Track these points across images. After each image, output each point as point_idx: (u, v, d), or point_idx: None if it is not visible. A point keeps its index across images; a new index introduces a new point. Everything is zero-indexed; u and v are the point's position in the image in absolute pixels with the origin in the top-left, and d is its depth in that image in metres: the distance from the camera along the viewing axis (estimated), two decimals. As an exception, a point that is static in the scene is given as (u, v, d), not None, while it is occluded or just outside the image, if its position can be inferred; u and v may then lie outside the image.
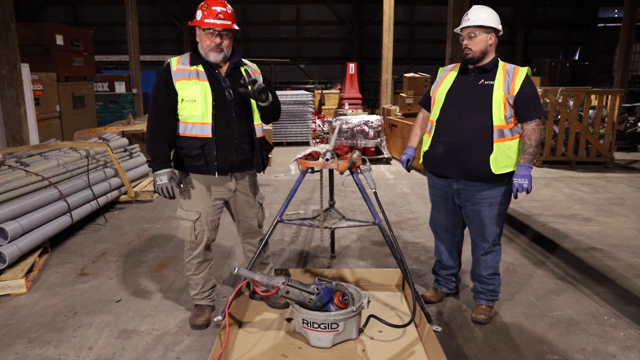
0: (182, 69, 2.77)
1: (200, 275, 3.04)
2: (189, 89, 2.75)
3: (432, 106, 3.06)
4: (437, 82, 3.08)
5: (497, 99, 2.80)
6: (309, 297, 2.71)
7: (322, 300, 2.75)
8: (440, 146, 2.96)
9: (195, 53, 2.83)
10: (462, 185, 2.98)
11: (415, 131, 3.34)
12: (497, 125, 2.81)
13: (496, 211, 2.98)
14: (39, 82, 7.95)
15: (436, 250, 3.35)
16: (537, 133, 2.84)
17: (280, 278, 2.67)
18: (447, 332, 3.01)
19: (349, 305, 2.79)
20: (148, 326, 3.11)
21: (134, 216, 5.51)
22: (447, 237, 3.25)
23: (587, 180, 7.27)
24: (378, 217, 3.12)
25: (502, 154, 2.84)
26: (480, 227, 3.02)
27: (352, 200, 6.08)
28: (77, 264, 4.13)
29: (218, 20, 2.73)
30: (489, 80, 2.86)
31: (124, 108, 11.13)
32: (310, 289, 2.71)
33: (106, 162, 5.76)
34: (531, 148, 2.83)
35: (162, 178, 2.80)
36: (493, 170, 2.84)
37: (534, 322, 3.13)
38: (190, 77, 2.76)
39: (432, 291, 3.39)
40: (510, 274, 3.84)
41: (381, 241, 4.47)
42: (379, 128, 8.59)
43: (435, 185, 3.15)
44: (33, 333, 3.02)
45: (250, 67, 2.99)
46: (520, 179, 2.82)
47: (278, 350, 2.75)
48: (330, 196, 3.57)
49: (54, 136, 7.87)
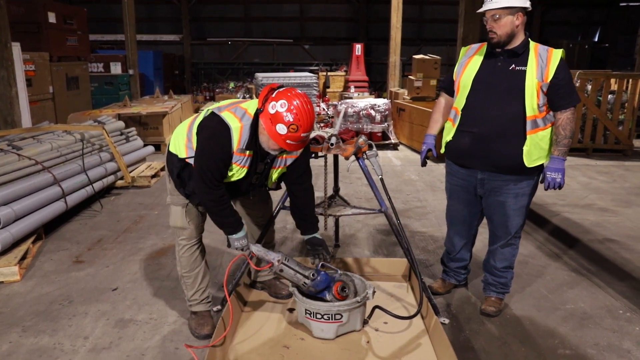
0: (240, 153, 2.58)
1: (196, 270, 2.92)
2: (233, 171, 2.64)
3: (457, 92, 2.94)
4: (461, 66, 2.95)
5: (530, 86, 2.70)
6: (304, 280, 2.72)
7: (317, 287, 2.75)
8: (466, 136, 2.87)
9: (254, 134, 2.58)
10: (487, 175, 2.92)
11: (436, 117, 3.17)
12: (530, 115, 2.72)
13: (522, 202, 2.94)
14: (30, 62, 7.94)
15: (449, 241, 3.31)
16: (573, 123, 2.75)
17: (277, 255, 2.69)
18: (455, 324, 3.03)
19: (348, 297, 2.80)
20: (145, 315, 3.14)
21: (131, 202, 5.54)
22: (464, 229, 3.21)
23: (604, 168, 7.24)
24: (384, 204, 3.13)
25: (535, 146, 2.76)
26: (503, 218, 2.98)
27: (358, 187, 6.09)
28: (72, 251, 4.17)
29: (299, 142, 2.54)
30: (520, 65, 2.74)
31: (120, 90, 11.11)
32: (307, 272, 2.72)
33: (102, 146, 5.78)
34: (566, 139, 2.75)
35: (242, 242, 2.72)
36: (526, 163, 2.77)
37: (545, 315, 3.14)
38: (239, 164, 2.62)
39: (439, 282, 3.40)
40: (522, 266, 3.85)
41: (387, 230, 4.49)
42: (386, 112, 8.57)
43: (456, 174, 3.08)
44: (27, 322, 3.07)
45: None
46: (553, 173, 2.75)
47: (280, 341, 2.78)
48: (335, 183, 3.58)
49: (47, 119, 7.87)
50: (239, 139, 2.54)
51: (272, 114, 2.47)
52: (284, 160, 2.80)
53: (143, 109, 8.34)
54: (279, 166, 2.80)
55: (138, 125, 7.93)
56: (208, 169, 2.56)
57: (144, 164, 6.77)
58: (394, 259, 3.67)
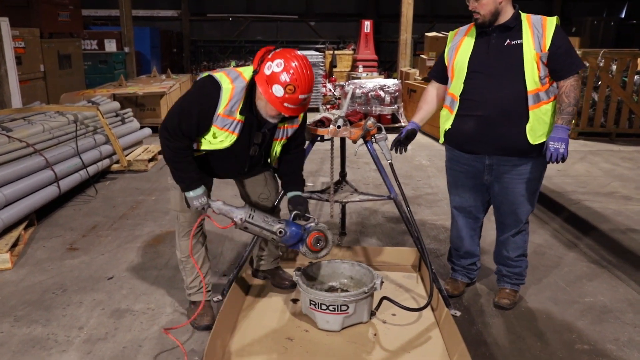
0: (228, 115, 2.54)
1: (195, 255, 2.94)
2: (219, 137, 2.61)
3: (451, 78, 2.94)
4: (451, 50, 2.96)
5: (529, 59, 2.71)
6: (272, 236, 2.75)
7: (288, 242, 2.78)
8: (470, 121, 2.87)
9: (249, 99, 2.57)
10: (495, 160, 2.92)
11: (422, 106, 3.16)
12: (532, 89, 2.73)
13: (533, 188, 2.95)
14: (20, 38, 7.95)
15: (456, 237, 3.30)
16: (577, 89, 2.75)
17: (241, 211, 2.69)
18: (467, 317, 3.05)
19: (323, 250, 2.79)
20: (143, 305, 3.18)
21: (127, 187, 5.57)
22: (470, 220, 3.21)
23: (629, 154, 7.21)
24: (394, 190, 3.14)
25: (538, 121, 2.77)
26: (513, 206, 2.99)
27: (366, 173, 6.10)
28: (65, 238, 4.21)
29: (298, 106, 2.51)
30: (515, 39, 2.74)
31: (115, 69, 11.10)
32: (275, 228, 2.71)
33: (96, 128, 5.81)
34: (570, 107, 2.75)
35: (201, 200, 2.69)
36: (530, 140, 2.77)
37: (562, 308, 3.16)
38: (228, 129, 2.58)
39: (451, 283, 3.35)
40: (538, 256, 3.86)
41: (396, 217, 4.50)
42: (396, 93, 8.53)
43: (460, 160, 3.06)
44: (20, 311, 3.11)
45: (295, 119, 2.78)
46: (556, 143, 2.72)
47: (283, 334, 2.81)
48: (342, 167, 3.59)
49: (38, 99, 7.90)
50: (227, 101, 2.52)
51: (267, 75, 2.46)
52: (285, 131, 2.79)
53: (139, 89, 8.35)
54: (281, 137, 2.79)
55: (134, 106, 7.95)
56: (179, 115, 2.56)
57: (140, 147, 6.80)
58: (403, 248, 3.69)
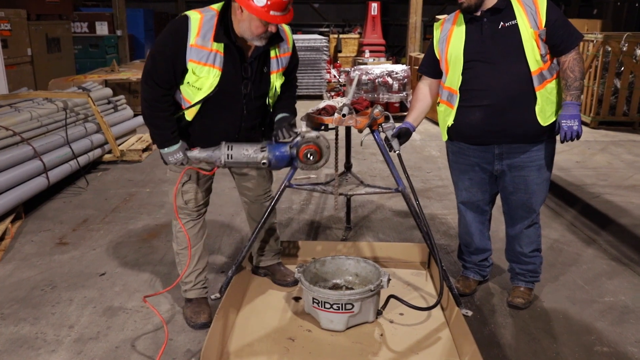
0: (201, 46, 2.51)
1: (194, 247, 2.95)
2: (200, 74, 2.57)
3: (446, 71, 2.93)
4: (441, 41, 2.93)
5: (527, 39, 2.70)
6: (260, 167, 2.75)
7: (279, 167, 2.76)
8: (475, 113, 2.86)
9: (222, 26, 2.55)
10: (505, 148, 2.92)
11: (414, 105, 3.16)
12: (535, 69, 2.73)
13: (545, 175, 2.95)
14: (6, 20, 7.93)
15: (465, 233, 3.29)
16: (580, 62, 2.76)
17: (218, 153, 2.68)
18: (479, 317, 3.04)
19: (318, 162, 2.74)
20: (136, 303, 3.17)
21: (120, 178, 5.56)
22: (479, 214, 3.21)
23: (651, 144, 7.17)
24: (402, 183, 3.11)
25: (546, 101, 2.78)
26: (526, 195, 2.98)
27: (372, 164, 6.08)
28: (55, 232, 4.21)
29: (285, 13, 2.47)
30: (509, 20, 2.73)
31: (106, 53, 11.09)
32: (258, 159, 2.69)
33: (87, 116, 5.79)
34: (577, 81, 2.75)
35: (176, 156, 2.69)
36: (541, 122, 2.78)
37: (580, 308, 3.14)
38: (206, 62, 2.54)
39: (462, 281, 3.33)
40: (555, 253, 3.84)
41: (404, 211, 4.48)
42: (405, 80, 8.49)
43: (467, 152, 3.05)
44: (6, 309, 3.11)
45: (284, 44, 2.77)
46: (569, 121, 2.71)
47: (284, 333, 2.79)
48: (347, 158, 3.57)
49: (25, 85, 7.89)
50: (197, 30, 2.51)
51: None
52: (280, 61, 2.76)
53: (133, 74, 8.32)
54: (278, 68, 2.77)
55: (127, 92, 7.93)
56: (151, 59, 2.60)
57: (134, 136, 6.79)
58: (412, 244, 3.67)
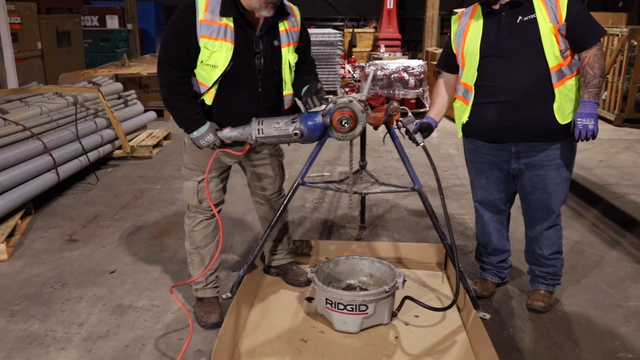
0: (210, 20, 2.55)
1: (207, 247, 2.98)
2: (213, 49, 2.59)
3: (462, 66, 2.93)
4: (458, 36, 2.93)
5: (546, 34, 2.69)
6: (291, 141, 2.74)
7: (312, 138, 2.76)
8: (491, 109, 2.85)
9: (228, 2, 2.59)
10: (522, 147, 2.91)
11: (435, 100, 3.18)
12: (554, 65, 2.71)
13: (565, 174, 2.93)
14: (16, 13, 8.00)
15: (482, 232, 3.28)
16: (601, 59, 2.74)
17: (250, 130, 2.69)
18: (497, 320, 3.03)
19: (349, 129, 2.73)
20: (146, 302, 3.20)
21: (130, 175, 5.61)
22: (496, 214, 3.20)
23: (678, 144, 7.08)
24: (418, 181, 3.10)
25: (565, 99, 2.76)
26: (544, 196, 2.96)
27: (387, 162, 6.07)
28: (64, 228, 4.25)
29: None
30: (528, 14, 2.72)
31: (117, 47, 11.16)
32: (290, 131, 2.69)
33: (97, 111, 5.84)
34: (595, 79, 2.72)
35: (207, 138, 2.69)
36: (559, 120, 2.76)
37: (604, 312, 3.11)
38: (217, 37, 2.57)
39: (480, 283, 3.32)
40: (577, 255, 3.81)
41: (420, 210, 4.47)
42: (421, 76, 8.46)
43: (483, 149, 3.05)
44: (16, 305, 3.15)
45: (292, 18, 2.83)
46: (585, 119, 2.69)
47: (296, 334, 2.80)
48: (362, 156, 3.55)
49: (35, 79, 7.97)
50: (205, 6, 2.57)
51: None
52: (289, 35, 2.79)
53: (144, 69, 8.38)
54: (289, 42, 2.79)
55: (138, 87, 7.98)
56: (164, 43, 2.66)
57: (144, 131, 6.83)
58: (428, 244, 3.67)
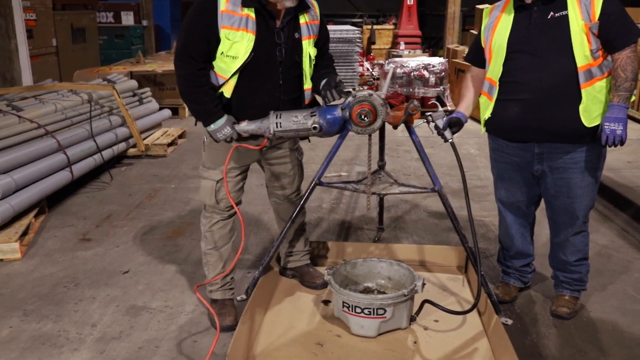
0: (232, 11, 2.56)
1: (222, 248, 3.00)
2: (235, 39, 2.59)
3: (489, 60, 2.91)
4: (488, 29, 2.92)
5: (576, 32, 2.65)
6: (310, 134, 2.77)
7: (331, 132, 2.77)
8: (513, 106, 2.83)
9: None
10: (545, 148, 2.87)
11: (464, 94, 3.16)
12: (583, 65, 2.67)
13: (590, 179, 2.88)
14: (31, 10, 8.10)
15: (504, 234, 3.26)
16: (635, 61, 2.68)
17: (267, 123, 2.70)
18: (520, 326, 3.01)
19: (368, 123, 2.74)
20: (160, 303, 3.23)
21: (145, 173, 5.66)
22: (519, 216, 3.17)
23: None
24: (438, 182, 3.09)
25: (592, 101, 2.71)
26: (568, 200, 2.92)
27: (406, 162, 6.05)
28: (78, 227, 4.30)
29: None
30: (560, 10, 2.68)
31: (132, 44, 11.26)
32: (309, 125, 2.70)
33: (112, 109, 5.89)
34: (627, 82, 2.67)
35: (224, 131, 2.70)
36: (585, 123, 2.71)
37: (632, 320, 3.08)
38: (238, 27, 2.58)
39: (502, 287, 3.30)
40: (603, 259, 3.77)
41: (440, 212, 4.45)
42: (442, 74, 8.41)
43: (506, 149, 3.03)
44: (29, 305, 3.19)
45: (312, 11, 2.84)
46: (613, 124, 2.64)
47: (312, 338, 2.81)
48: (380, 156, 3.55)
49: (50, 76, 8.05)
50: None
51: None
52: (309, 28, 2.81)
53: (159, 66, 8.44)
54: (309, 35, 2.81)
55: (153, 85, 8.03)
56: (184, 33, 2.65)
57: (159, 130, 6.88)
58: (448, 247, 3.65)
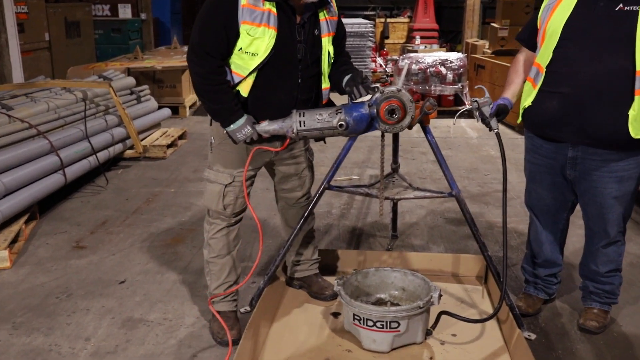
0: (253, 5, 2.56)
1: (226, 257, 2.99)
2: (255, 35, 2.60)
3: (540, 44, 2.85)
4: (547, 9, 2.84)
5: None
6: (335, 133, 2.76)
7: (358, 130, 2.78)
8: (553, 99, 2.79)
9: None
10: (580, 152, 2.83)
11: (513, 79, 3.10)
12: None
13: (628, 188, 2.83)
14: (23, 2, 8.15)
15: (533, 239, 3.23)
16: None
17: (290, 122, 2.70)
18: (544, 341, 2.99)
19: (397, 120, 2.75)
20: (158, 315, 3.23)
21: (142, 177, 5.67)
22: (549, 221, 3.14)
23: None
24: (456, 186, 3.07)
25: None
26: (602, 210, 2.88)
27: (422, 164, 6.04)
28: (71, 234, 4.31)
29: None
30: (632, 4, 2.60)
31: (129, 39, 11.30)
32: (334, 123, 2.70)
33: (108, 108, 5.91)
34: None
35: (244, 131, 2.70)
36: (632, 133, 2.64)
37: (664, 334, 3.06)
38: (260, 23, 2.58)
39: (525, 299, 3.28)
40: (635, 270, 3.75)
41: (458, 218, 4.44)
42: (460, 70, 8.38)
43: (539, 150, 3.00)
44: (19, 317, 3.19)
45: (331, 7, 2.88)
46: None
47: (321, 353, 2.80)
48: (394, 158, 3.54)
49: (42, 73, 8.10)
50: None
51: None
52: (329, 24, 2.85)
53: (158, 62, 8.46)
54: (329, 32, 2.85)
55: (152, 82, 8.06)
56: (201, 28, 2.63)
57: (158, 130, 6.90)
58: (467, 255, 3.64)
